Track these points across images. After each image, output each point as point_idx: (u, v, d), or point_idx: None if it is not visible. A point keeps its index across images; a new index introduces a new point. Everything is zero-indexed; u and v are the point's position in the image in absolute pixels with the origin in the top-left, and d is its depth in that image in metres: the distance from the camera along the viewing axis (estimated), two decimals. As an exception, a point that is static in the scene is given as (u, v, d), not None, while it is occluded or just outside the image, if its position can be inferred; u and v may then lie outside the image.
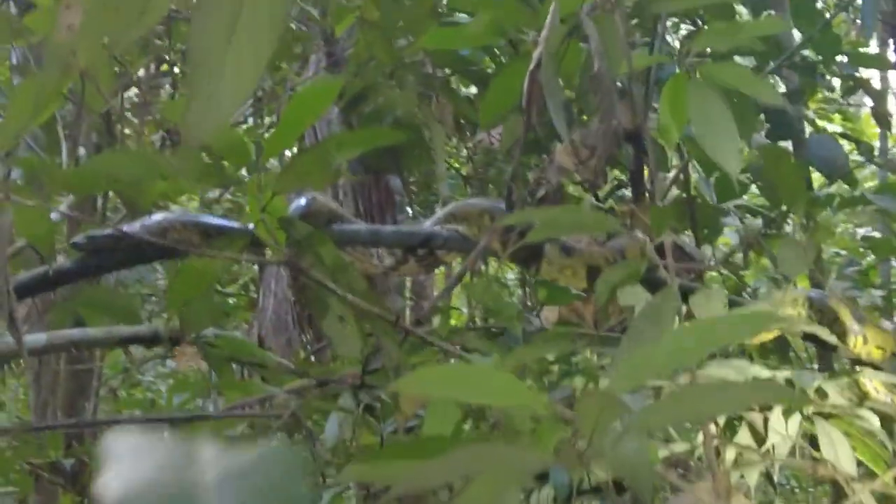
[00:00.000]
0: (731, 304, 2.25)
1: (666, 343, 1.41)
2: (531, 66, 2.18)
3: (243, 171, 2.00)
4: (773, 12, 4.47)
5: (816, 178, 4.69)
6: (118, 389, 6.51)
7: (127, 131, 5.63)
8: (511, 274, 5.83)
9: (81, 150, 2.46)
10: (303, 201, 2.42)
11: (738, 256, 4.80)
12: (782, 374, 2.31)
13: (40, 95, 1.61)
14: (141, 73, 5.68)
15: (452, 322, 6.39)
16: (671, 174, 4.21)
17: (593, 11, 2.22)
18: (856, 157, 5.16)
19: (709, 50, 2.66)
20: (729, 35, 2.27)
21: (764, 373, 2.16)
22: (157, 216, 2.24)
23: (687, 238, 4.50)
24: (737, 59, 3.94)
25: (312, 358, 4.90)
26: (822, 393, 2.23)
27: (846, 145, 4.96)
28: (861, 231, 5.94)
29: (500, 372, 1.46)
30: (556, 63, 2.21)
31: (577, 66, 2.48)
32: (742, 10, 4.87)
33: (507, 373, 1.46)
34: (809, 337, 2.53)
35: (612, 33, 2.09)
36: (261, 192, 1.85)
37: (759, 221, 4.65)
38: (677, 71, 2.31)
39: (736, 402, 1.29)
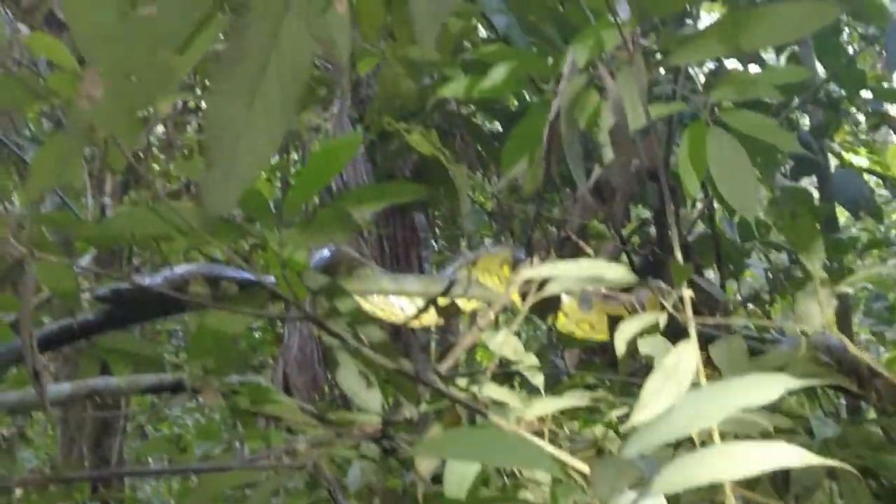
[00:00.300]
0: (753, 350, 2.24)
1: (682, 406, 1.41)
2: (550, 117, 2.20)
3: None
4: (796, 48, 4.48)
5: (841, 210, 4.69)
6: (145, 425, 6.54)
7: (155, 166, 5.68)
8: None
9: (107, 199, 2.49)
10: (326, 252, 2.44)
11: (765, 289, 4.79)
12: (804, 422, 2.30)
13: (64, 158, 1.63)
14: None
15: (478, 358, 6.39)
16: (695, 212, 4.21)
17: (612, 61, 2.23)
18: (883, 192, 5.15)
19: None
20: (749, 84, 2.28)
21: (785, 422, 2.15)
22: (180, 268, 2.27)
23: (712, 273, 4.49)
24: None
25: (336, 391, 4.91)
26: (843, 442, 2.23)
27: (872, 180, 4.96)
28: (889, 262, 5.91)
29: (518, 434, 1.47)
30: (575, 113, 2.22)
31: (598, 115, 2.49)
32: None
33: (525, 435, 1.47)
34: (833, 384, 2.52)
35: (629, 85, 2.10)
36: (281, 246, 1.87)
37: (784, 256, 4.65)
38: (699, 108, 2.32)
39: (756, 463, 1.28)
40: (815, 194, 4.41)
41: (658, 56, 2.92)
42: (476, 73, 2.57)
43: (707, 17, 5.96)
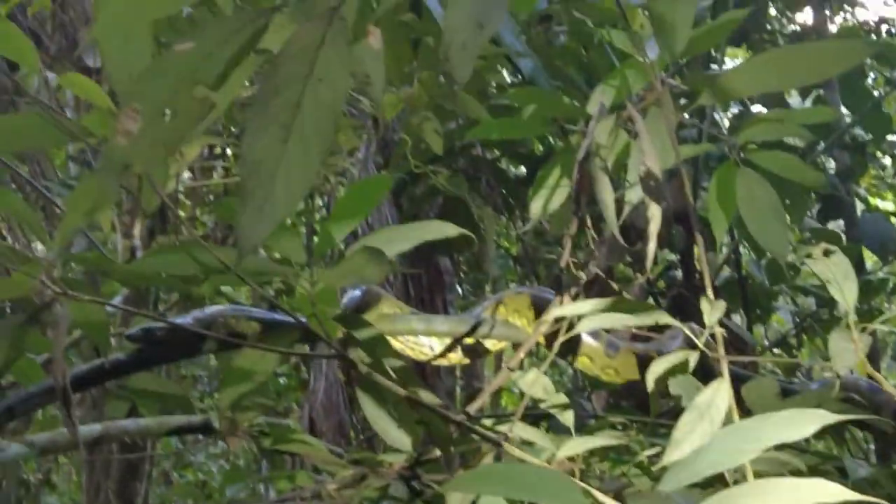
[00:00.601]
0: (785, 391, 2.22)
1: (717, 442, 1.41)
2: (579, 157, 2.20)
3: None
4: (821, 92, 4.49)
5: (868, 254, 4.67)
6: (170, 471, 6.53)
7: (181, 213, 5.71)
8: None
9: (137, 241, 2.50)
10: (357, 292, 2.45)
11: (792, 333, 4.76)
12: (835, 463, 2.28)
13: (98, 197, 1.65)
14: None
15: (503, 402, 6.37)
16: (721, 256, 4.21)
17: (639, 103, 2.23)
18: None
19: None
20: (776, 125, 2.28)
21: (816, 462, 2.14)
22: (210, 309, 2.27)
23: (739, 317, 4.47)
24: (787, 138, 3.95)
25: (362, 436, 4.91)
26: (874, 483, 2.20)
27: (899, 223, 4.93)
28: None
29: (549, 470, 1.46)
30: (603, 153, 2.22)
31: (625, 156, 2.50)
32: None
33: (557, 470, 1.47)
34: (863, 424, 2.51)
35: (658, 125, 2.10)
36: (313, 286, 1.87)
37: (811, 300, 4.63)
38: (726, 151, 2.32)
39: (793, 499, 1.27)
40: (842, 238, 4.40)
41: (683, 100, 2.93)
42: (502, 117, 2.58)
43: (730, 63, 5.97)
